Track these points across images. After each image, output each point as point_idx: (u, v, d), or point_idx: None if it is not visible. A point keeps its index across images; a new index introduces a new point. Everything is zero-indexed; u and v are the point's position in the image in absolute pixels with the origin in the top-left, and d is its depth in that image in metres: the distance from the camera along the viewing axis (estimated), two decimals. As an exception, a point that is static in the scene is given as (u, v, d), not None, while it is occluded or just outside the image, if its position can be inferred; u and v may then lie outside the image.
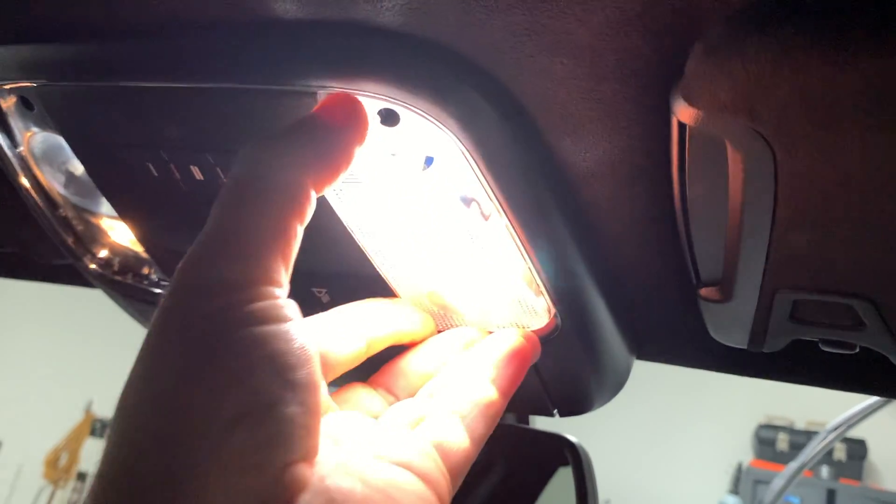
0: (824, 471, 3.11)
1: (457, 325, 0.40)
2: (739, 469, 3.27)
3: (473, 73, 0.29)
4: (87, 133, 0.37)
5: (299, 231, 0.27)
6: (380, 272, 0.37)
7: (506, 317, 0.39)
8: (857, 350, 0.38)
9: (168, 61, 0.31)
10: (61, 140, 0.39)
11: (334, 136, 0.28)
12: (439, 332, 0.39)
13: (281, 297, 0.26)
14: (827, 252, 0.31)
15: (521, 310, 0.38)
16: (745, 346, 0.40)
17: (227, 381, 0.23)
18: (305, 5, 0.28)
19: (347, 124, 0.29)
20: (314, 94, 0.30)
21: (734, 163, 0.28)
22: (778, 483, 1.48)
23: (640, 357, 0.48)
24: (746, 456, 3.36)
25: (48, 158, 0.43)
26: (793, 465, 1.46)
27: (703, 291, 0.37)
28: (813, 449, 1.50)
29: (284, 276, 0.27)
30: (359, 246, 0.36)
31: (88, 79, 0.33)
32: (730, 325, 0.39)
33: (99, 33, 0.32)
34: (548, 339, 0.39)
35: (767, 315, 0.36)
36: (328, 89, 0.30)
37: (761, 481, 3.10)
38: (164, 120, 0.34)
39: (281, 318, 0.25)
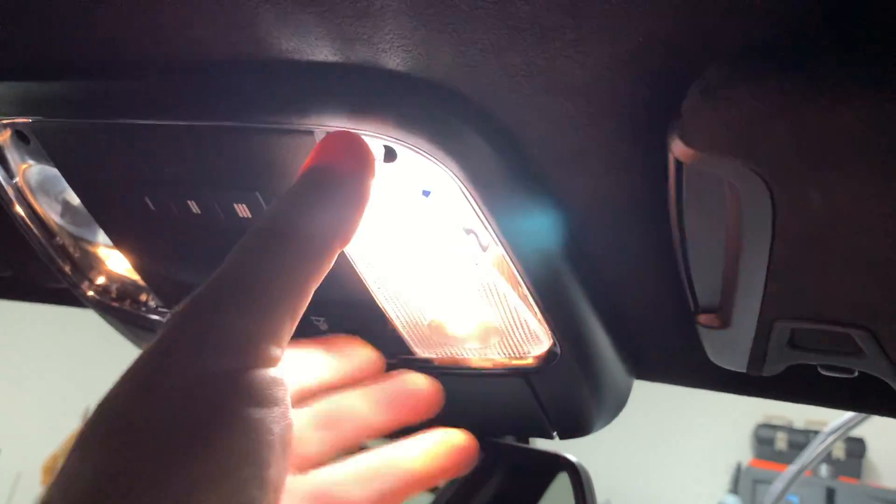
0: (823, 469, 3.11)
1: (456, 356, 0.40)
2: (738, 469, 3.28)
3: (471, 111, 0.29)
4: (83, 168, 0.37)
5: (313, 290, 0.27)
6: (379, 303, 0.37)
7: (506, 344, 0.39)
8: (856, 374, 0.38)
9: (166, 100, 0.31)
10: (57, 171, 0.39)
11: (355, 182, 0.28)
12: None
13: (280, 362, 0.25)
14: (824, 284, 0.31)
15: (522, 337, 0.38)
16: (743, 370, 0.41)
17: (215, 473, 0.21)
18: (302, 46, 0.28)
19: (362, 167, 0.29)
20: (312, 132, 0.30)
21: (731, 200, 0.28)
22: (779, 484, 1.48)
23: (640, 378, 0.48)
24: (745, 455, 3.36)
25: (44, 189, 0.43)
26: (794, 466, 1.46)
27: (702, 318, 0.37)
28: (814, 450, 1.50)
29: (288, 335, 0.26)
30: (358, 277, 0.36)
31: (84, 116, 0.33)
32: (728, 350, 0.39)
33: (95, 71, 0.32)
34: (547, 366, 0.39)
35: (766, 342, 0.37)
36: (327, 128, 0.30)
37: (760, 481, 3.10)
38: (162, 157, 0.34)
39: (274, 401, 0.24)
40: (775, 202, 0.27)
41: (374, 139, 0.30)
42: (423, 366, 0.42)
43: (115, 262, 0.47)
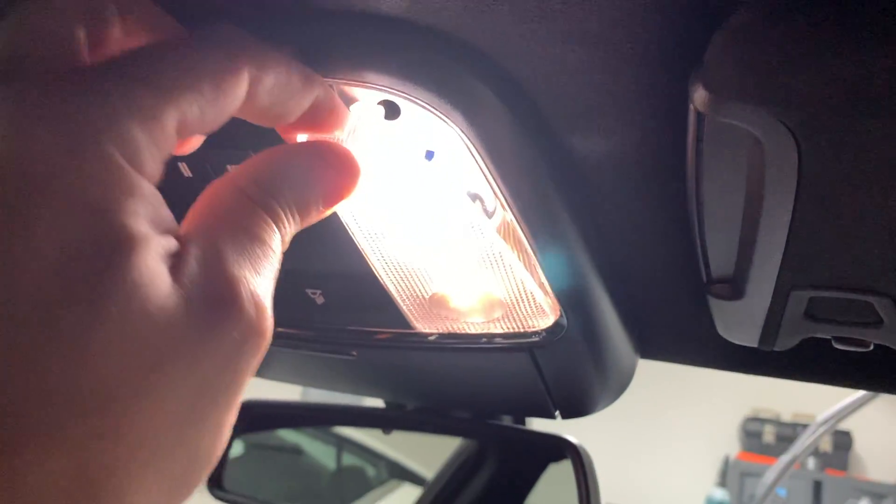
0: (811, 462, 3.13)
1: (458, 329, 0.38)
2: (726, 462, 3.29)
3: (480, 62, 0.28)
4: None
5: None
6: (377, 274, 0.36)
7: (511, 317, 0.37)
8: (871, 347, 0.37)
9: None
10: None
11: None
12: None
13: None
14: (847, 248, 0.30)
15: (527, 310, 0.36)
16: (755, 345, 0.39)
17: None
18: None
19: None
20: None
21: (755, 154, 0.27)
22: (769, 476, 1.48)
23: (645, 356, 0.47)
24: (733, 449, 3.37)
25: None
26: (784, 458, 1.46)
27: (714, 289, 0.36)
28: (803, 442, 1.50)
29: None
30: (356, 246, 0.35)
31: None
32: (740, 323, 0.38)
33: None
34: (553, 339, 0.38)
35: (781, 313, 0.35)
36: (325, 80, 0.28)
37: (748, 474, 3.12)
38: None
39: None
40: (802, 156, 0.26)
41: (376, 91, 0.28)
42: (424, 341, 0.40)
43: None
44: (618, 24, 0.25)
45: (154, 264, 0.19)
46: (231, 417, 0.21)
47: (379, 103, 0.29)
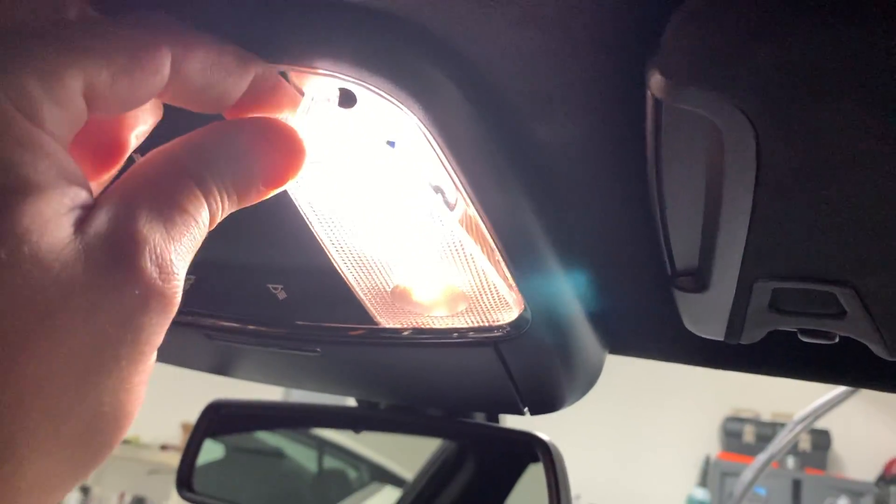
0: (790, 461, 3.15)
1: (421, 324, 0.38)
2: (707, 462, 3.31)
3: (436, 48, 0.27)
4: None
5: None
6: (338, 267, 0.35)
7: (474, 310, 0.37)
8: (836, 340, 0.36)
9: None
10: None
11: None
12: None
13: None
14: (809, 237, 0.29)
15: (491, 302, 0.36)
16: (721, 338, 0.39)
17: None
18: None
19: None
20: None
21: (713, 142, 0.26)
22: (748, 474, 1.49)
23: (613, 352, 0.46)
24: (714, 449, 3.39)
25: None
26: (762, 457, 1.47)
27: (679, 281, 0.36)
28: (781, 440, 1.51)
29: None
30: (316, 238, 0.34)
31: None
32: (706, 316, 0.38)
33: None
34: (517, 334, 0.37)
35: (745, 305, 0.35)
36: (276, 67, 0.27)
37: (729, 473, 3.13)
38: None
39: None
40: (760, 143, 0.25)
41: (330, 79, 0.28)
42: (388, 337, 0.40)
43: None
44: (574, 9, 0.25)
45: (50, 213, 0.18)
46: (139, 378, 0.20)
47: (332, 91, 0.29)
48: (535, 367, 0.41)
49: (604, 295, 0.40)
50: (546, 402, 0.44)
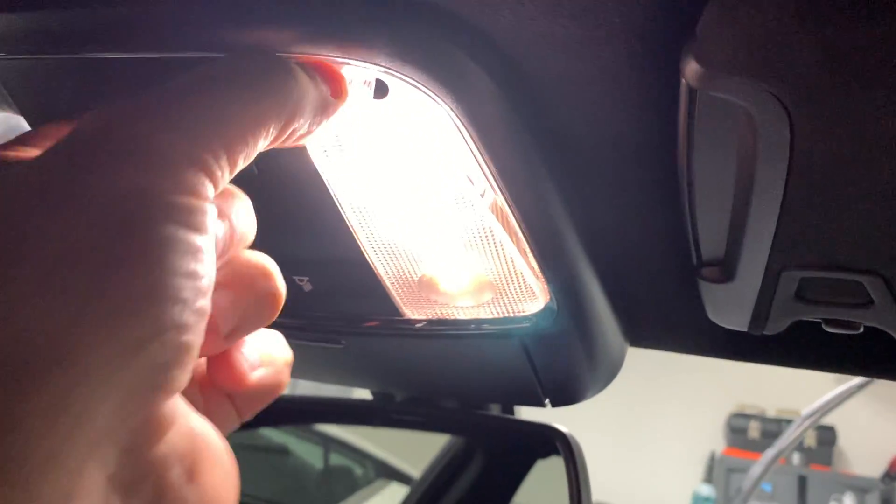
0: (795, 457, 3.15)
1: (447, 314, 0.38)
2: (712, 458, 3.30)
3: (469, 37, 0.27)
4: (53, 113, 0.34)
5: (261, 145, 0.24)
6: (367, 256, 0.35)
7: (500, 300, 0.37)
8: (861, 330, 0.37)
9: (144, 29, 0.29)
10: (22, 121, 0.36)
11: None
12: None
13: (209, 197, 0.21)
14: (839, 227, 0.30)
15: (517, 292, 0.36)
16: (745, 329, 0.39)
17: (140, 294, 0.18)
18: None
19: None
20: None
21: (746, 130, 0.27)
22: (755, 471, 1.49)
23: (635, 344, 0.46)
24: (719, 445, 3.39)
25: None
26: (769, 453, 1.47)
27: (705, 272, 0.36)
28: (788, 436, 1.51)
29: (220, 172, 0.21)
30: (345, 228, 0.34)
31: (51, 51, 0.31)
32: (731, 306, 0.38)
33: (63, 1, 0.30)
34: (543, 325, 0.37)
35: (772, 295, 0.35)
36: (312, 57, 0.28)
37: (734, 469, 3.13)
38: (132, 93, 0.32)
39: (202, 228, 0.20)
40: (794, 130, 0.25)
41: (364, 70, 0.28)
42: (413, 327, 0.40)
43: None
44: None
45: None
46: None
47: (366, 82, 0.29)
48: (559, 359, 0.41)
49: (628, 286, 0.40)
50: (568, 394, 0.44)
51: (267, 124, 0.24)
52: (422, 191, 0.32)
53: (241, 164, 0.23)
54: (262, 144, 0.24)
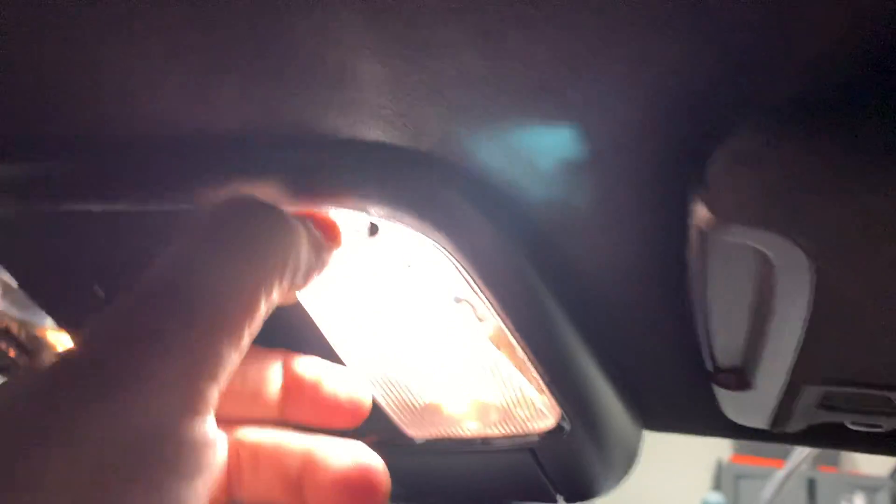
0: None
1: (452, 434, 0.36)
2: (719, 465, 3.28)
3: (464, 180, 0.26)
4: (24, 256, 0.32)
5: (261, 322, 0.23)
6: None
7: (508, 421, 0.35)
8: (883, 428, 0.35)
9: (122, 181, 0.27)
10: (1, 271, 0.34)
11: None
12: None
13: (213, 404, 0.21)
14: (865, 350, 0.28)
15: (526, 414, 0.34)
16: (765, 428, 0.37)
17: None
18: (267, 120, 0.24)
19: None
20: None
21: (764, 268, 0.25)
22: (771, 487, 1.48)
23: (649, 428, 0.45)
24: (725, 452, 3.37)
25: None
26: (789, 465, 1.46)
27: (720, 378, 0.34)
28: (799, 454, 1.51)
29: (228, 368, 0.21)
30: (335, 360, 0.32)
31: (25, 202, 0.29)
32: (749, 410, 0.36)
33: (37, 152, 0.28)
34: (554, 439, 0.36)
35: (792, 404, 0.33)
36: (307, 205, 0.26)
37: (742, 476, 3.11)
38: (115, 243, 0.30)
39: (201, 469, 0.20)
40: (817, 274, 0.24)
41: (356, 215, 0.26)
42: (413, 444, 0.38)
43: (68, 346, 0.42)
44: (610, 144, 0.23)
45: None
46: None
47: (361, 223, 0.27)
48: (570, 461, 0.39)
49: (639, 386, 0.39)
50: (583, 491, 0.42)
51: (260, 306, 0.22)
52: (417, 323, 0.31)
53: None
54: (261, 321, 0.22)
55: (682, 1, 0.18)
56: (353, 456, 0.27)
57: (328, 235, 0.26)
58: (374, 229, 0.28)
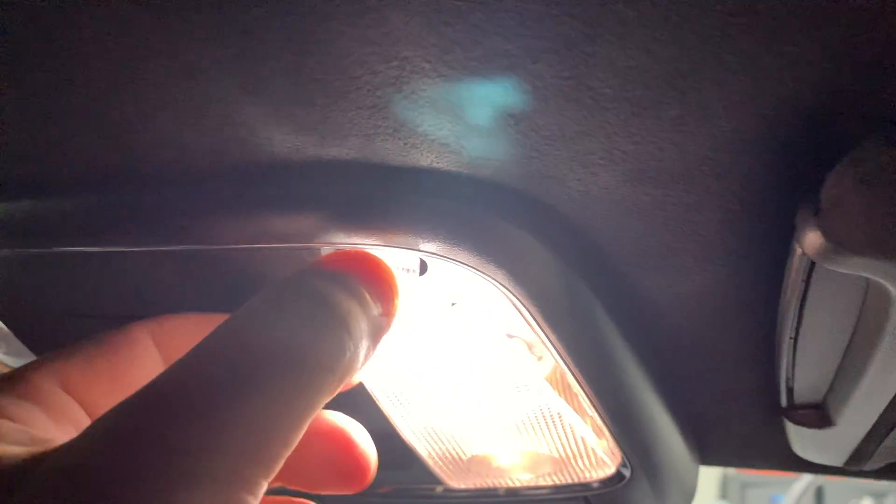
0: (809, 467, 3.10)
1: (499, 484, 0.33)
2: (725, 475, 3.25)
3: (528, 210, 0.23)
4: (15, 298, 0.29)
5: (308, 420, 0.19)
6: (405, 440, 0.30)
7: (564, 471, 0.31)
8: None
9: (155, 221, 0.24)
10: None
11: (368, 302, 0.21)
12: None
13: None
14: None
15: (586, 465, 0.31)
16: (839, 465, 0.34)
17: None
18: (302, 144, 0.21)
19: (381, 283, 0.21)
20: (318, 250, 0.23)
21: (876, 303, 0.22)
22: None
23: (706, 463, 0.41)
24: (731, 460, 3.33)
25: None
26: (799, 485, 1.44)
27: (797, 415, 0.31)
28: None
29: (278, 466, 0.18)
30: (377, 412, 0.29)
31: (13, 245, 0.25)
32: (825, 448, 0.33)
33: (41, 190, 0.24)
34: (612, 488, 0.32)
35: (879, 442, 0.30)
36: (342, 245, 0.22)
37: (749, 485, 3.08)
38: (115, 284, 0.26)
39: None
40: (945, 306, 0.21)
41: (406, 253, 0.23)
42: (455, 495, 0.34)
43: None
44: (704, 160, 0.20)
45: None
46: None
47: (412, 262, 0.24)
48: (626, 507, 0.36)
49: (701, 421, 0.35)
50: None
51: (320, 402, 0.18)
52: (464, 366, 0.27)
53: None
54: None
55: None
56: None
57: (386, 308, 0.22)
58: (423, 267, 0.24)
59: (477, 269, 0.23)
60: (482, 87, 0.18)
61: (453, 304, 0.26)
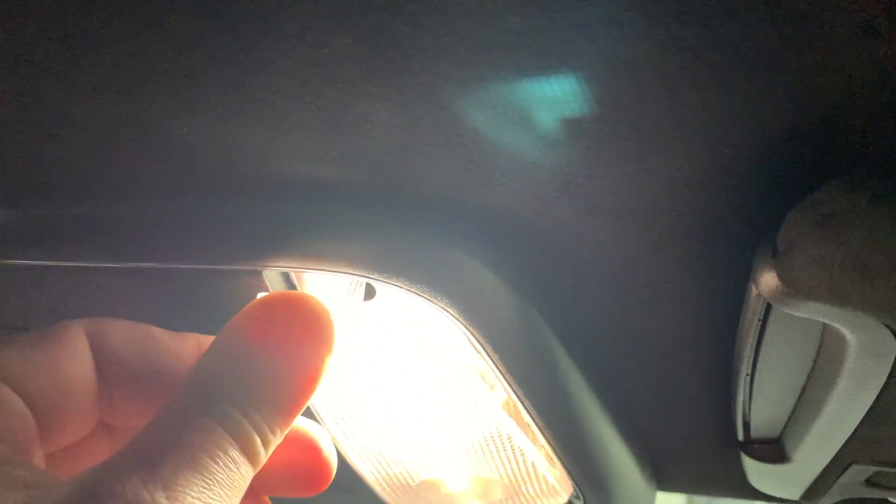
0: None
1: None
2: (689, 498, 3.27)
3: (479, 239, 0.22)
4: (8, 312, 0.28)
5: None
6: (354, 465, 0.29)
7: (516, 498, 0.31)
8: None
9: (110, 239, 0.22)
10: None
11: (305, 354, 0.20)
12: None
13: None
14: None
15: (537, 492, 0.30)
16: (795, 499, 0.34)
17: None
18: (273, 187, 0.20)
19: (316, 338, 0.20)
20: (259, 273, 0.22)
21: (833, 347, 0.21)
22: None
23: (663, 489, 0.41)
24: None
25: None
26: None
27: (753, 449, 0.31)
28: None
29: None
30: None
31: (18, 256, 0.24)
32: (780, 483, 0.32)
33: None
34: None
35: (834, 480, 0.30)
36: (290, 268, 0.21)
37: None
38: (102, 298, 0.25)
39: None
40: (901, 355, 0.20)
41: (351, 277, 0.22)
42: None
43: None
44: (665, 197, 0.19)
45: None
46: None
47: (356, 284, 0.23)
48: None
49: (656, 451, 0.35)
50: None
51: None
52: (417, 391, 0.26)
53: None
54: None
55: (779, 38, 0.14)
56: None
57: (317, 350, 0.20)
58: (370, 292, 0.23)
59: (424, 296, 0.22)
60: (430, 112, 0.17)
61: (408, 330, 0.26)
